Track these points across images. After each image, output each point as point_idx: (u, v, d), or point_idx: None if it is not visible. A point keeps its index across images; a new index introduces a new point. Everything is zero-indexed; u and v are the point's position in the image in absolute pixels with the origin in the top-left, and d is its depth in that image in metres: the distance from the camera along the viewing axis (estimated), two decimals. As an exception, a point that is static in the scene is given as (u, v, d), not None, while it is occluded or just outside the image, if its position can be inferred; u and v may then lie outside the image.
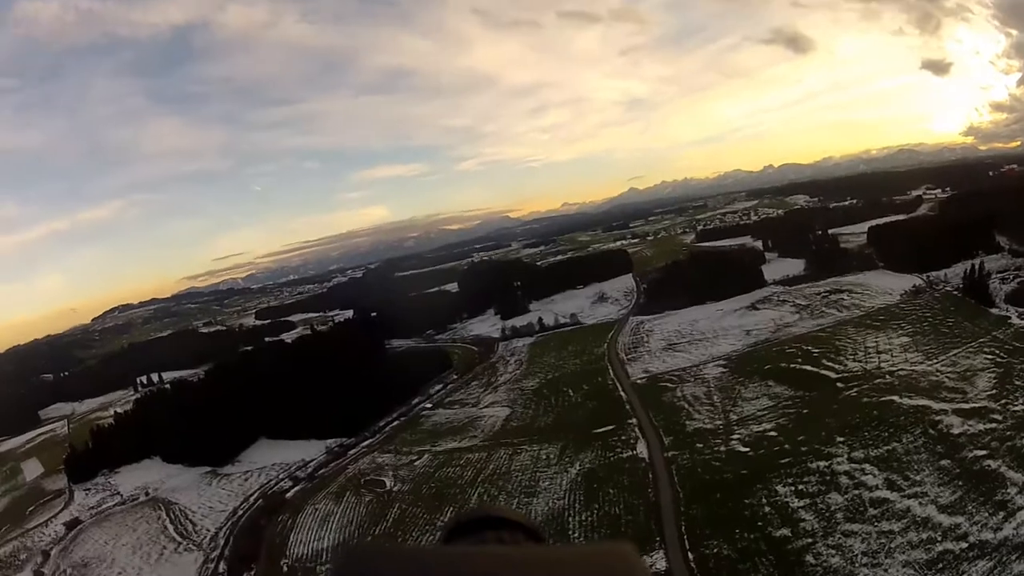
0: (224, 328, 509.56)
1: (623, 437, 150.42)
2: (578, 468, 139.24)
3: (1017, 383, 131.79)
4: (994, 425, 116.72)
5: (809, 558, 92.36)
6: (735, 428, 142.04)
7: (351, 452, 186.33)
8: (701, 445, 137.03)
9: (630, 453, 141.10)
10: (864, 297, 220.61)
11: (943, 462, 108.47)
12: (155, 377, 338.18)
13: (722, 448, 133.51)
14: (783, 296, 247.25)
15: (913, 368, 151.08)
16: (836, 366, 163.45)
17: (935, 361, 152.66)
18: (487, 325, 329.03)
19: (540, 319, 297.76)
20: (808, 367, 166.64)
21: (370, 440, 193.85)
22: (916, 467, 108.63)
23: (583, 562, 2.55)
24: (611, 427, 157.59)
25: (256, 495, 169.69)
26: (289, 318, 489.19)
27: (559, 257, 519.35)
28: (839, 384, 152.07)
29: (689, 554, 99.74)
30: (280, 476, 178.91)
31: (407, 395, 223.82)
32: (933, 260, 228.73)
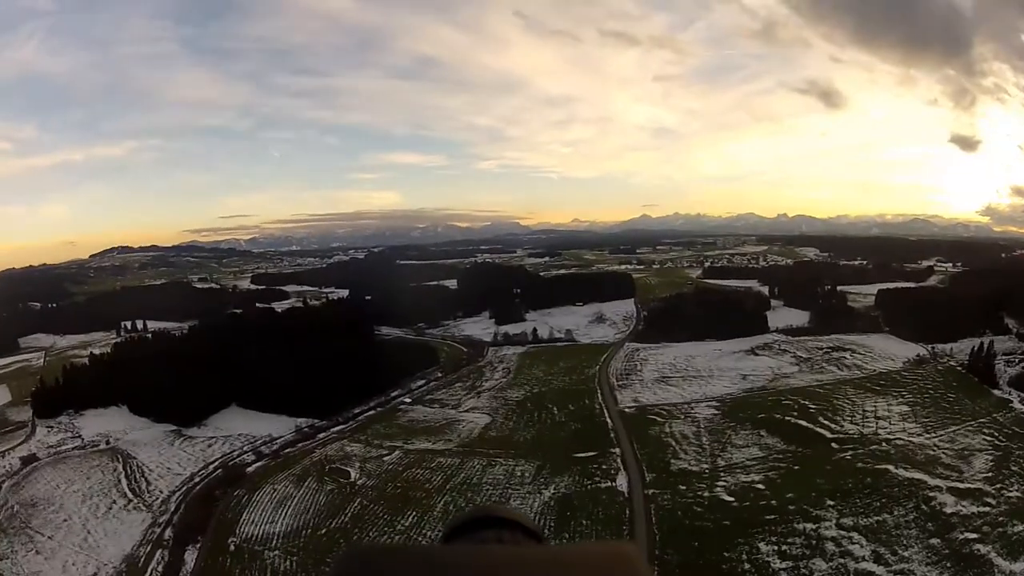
0: (218, 287, 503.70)
1: (603, 466, 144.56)
2: (552, 491, 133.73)
3: (1014, 468, 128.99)
4: (988, 509, 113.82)
5: None
6: (721, 474, 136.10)
7: (321, 435, 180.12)
8: (684, 487, 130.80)
9: (609, 484, 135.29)
10: (867, 359, 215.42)
11: (933, 540, 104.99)
12: (140, 324, 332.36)
13: (706, 494, 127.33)
14: (785, 345, 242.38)
15: (911, 439, 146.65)
16: (832, 425, 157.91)
17: (933, 435, 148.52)
18: (480, 327, 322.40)
19: (535, 329, 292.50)
20: (803, 422, 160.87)
21: (342, 426, 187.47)
22: (905, 542, 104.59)
23: (583, 562, 2.57)
24: (593, 453, 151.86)
25: (217, 464, 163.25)
26: (284, 287, 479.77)
27: (562, 271, 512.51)
28: (834, 445, 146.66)
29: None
30: (244, 448, 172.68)
31: (388, 385, 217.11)
32: (939, 332, 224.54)
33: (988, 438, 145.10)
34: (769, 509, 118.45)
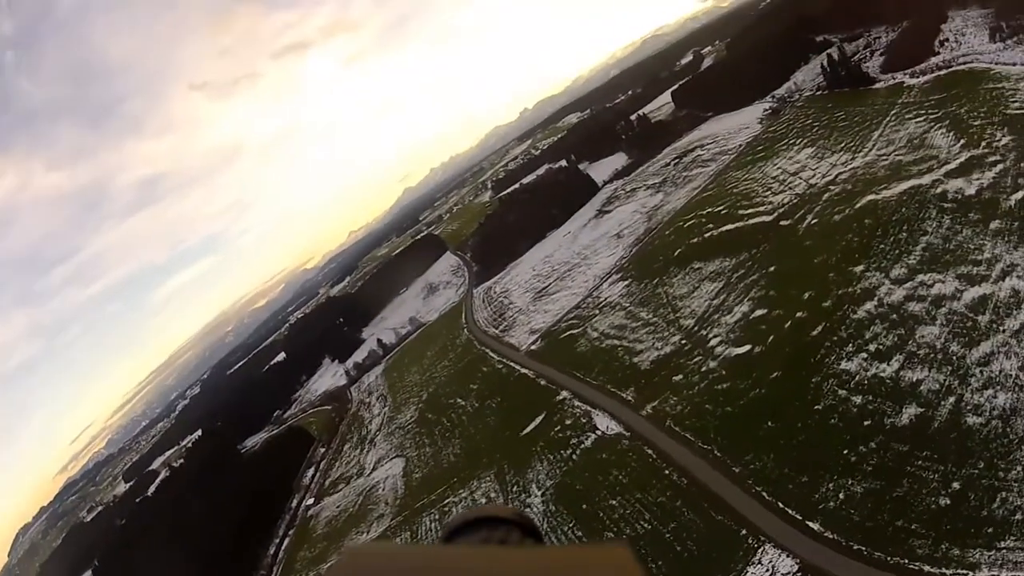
0: (102, 507, 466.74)
1: (567, 421, 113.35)
2: (540, 493, 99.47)
3: (976, 124, 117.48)
4: (1002, 165, 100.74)
5: (970, 419, 65.12)
6: (703, 332, 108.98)
7: None
8: (680, 376, 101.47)
9: (593, 436, 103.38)
10: (721, 143, 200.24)
11: (994, 224, 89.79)
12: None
13: (711, 363, 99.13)
14: (628, 186, 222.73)
15: (852, 167, 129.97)
16: (761, 208, 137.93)
17: (867, 151, 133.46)
18: (329, 376, 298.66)
19: (379, 341, 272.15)
20: (728, 226, 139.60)
21: None
22: (973, 247, 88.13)
23: (581, 563, 2.52)
24: (540, 417, 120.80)
25: None
26: (152, 466, 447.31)
27: (367, 278, 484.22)
28: (784, 222, 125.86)
29: (811, 524, 65.71)
30: None
31: (283, 499, 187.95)
32: (763, 85, 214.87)
33: (920, 120, 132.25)
34: (801, 325, 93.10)
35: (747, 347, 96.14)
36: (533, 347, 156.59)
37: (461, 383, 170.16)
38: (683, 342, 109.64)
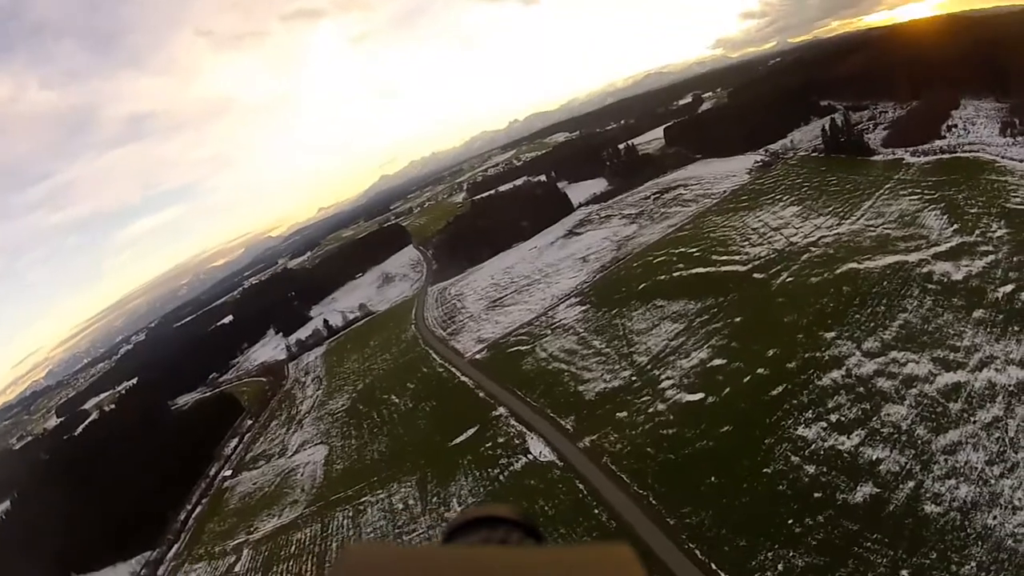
0: (31, 437, 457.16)
1: (499, 439, 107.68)
2: (460, 509, 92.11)
3: (972, 212, 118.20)
4: (993, 256, 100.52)
5: (928, 507, 62.07)
6: (656, 373, 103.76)
7: (160, 572, 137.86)
8: (624, 413, 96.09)
9: (524, 460, 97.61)
10: (706, 185, 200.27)
11: (977, 313, 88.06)
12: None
13: (660, 406, 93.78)
14: (604, 212, 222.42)
15: (836, 232, 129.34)
16: (736, 257, 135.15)
17: (855, 219, 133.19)
18: (271, 348, 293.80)
19: (326, 322, 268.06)
20: (700, 269, 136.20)
21: (176, 544, 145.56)
22: (953, 331, 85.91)
23: (582, 563, 2.53)
24: (473, 429, 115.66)
25: None
26: (85, 406, 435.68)
27: (327, 256, 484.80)
28: (757, 275, 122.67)
29: (748, 600, 62.10)
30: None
31: (202, 465, 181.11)
32: (759, 137, 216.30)
33: (915, 198, 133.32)
34: (761, 383, 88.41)
35: (700, 395, 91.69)
36: (478, 356, 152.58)
37: (399, 379, 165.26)
38: (633, 379, 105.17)
